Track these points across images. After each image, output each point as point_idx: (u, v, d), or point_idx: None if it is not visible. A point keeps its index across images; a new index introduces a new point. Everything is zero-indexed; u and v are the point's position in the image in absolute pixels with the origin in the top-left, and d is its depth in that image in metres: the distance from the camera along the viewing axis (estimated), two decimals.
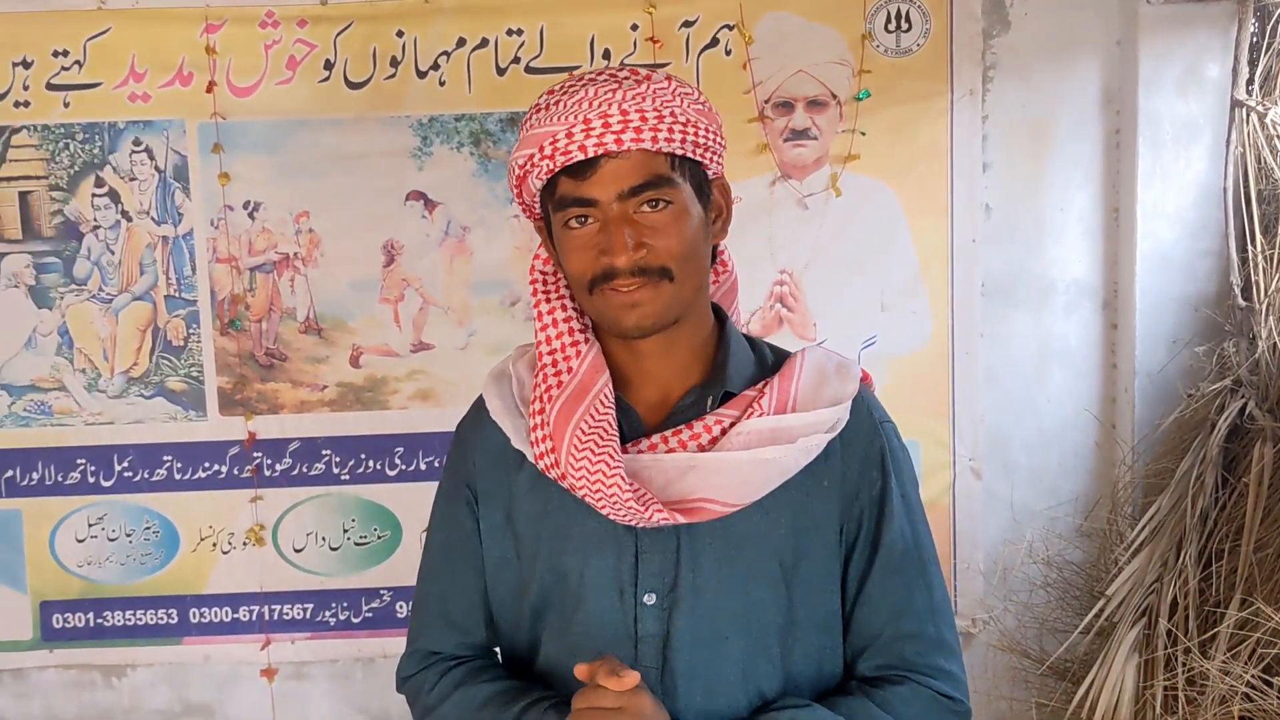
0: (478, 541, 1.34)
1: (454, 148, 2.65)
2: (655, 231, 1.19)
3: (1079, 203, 2.68)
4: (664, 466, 1.22)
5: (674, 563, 1.24)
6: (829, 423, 1.24)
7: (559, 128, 1.18)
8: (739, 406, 1.25)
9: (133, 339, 2.69)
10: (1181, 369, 2.61)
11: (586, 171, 1.18)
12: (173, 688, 2.78)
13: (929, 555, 1.30)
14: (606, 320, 1.23)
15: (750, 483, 1.21)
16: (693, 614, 1.24)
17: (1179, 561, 2.22)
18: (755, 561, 1.24)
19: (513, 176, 1.26)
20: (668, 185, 1.19)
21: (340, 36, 2.62)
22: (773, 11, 2.62)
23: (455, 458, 1.38)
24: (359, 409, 2.70)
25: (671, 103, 1.19)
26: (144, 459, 2.70)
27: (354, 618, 2.75)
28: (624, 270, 1.18)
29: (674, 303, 1.21)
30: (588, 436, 1.21)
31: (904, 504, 1.29)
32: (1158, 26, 2.57)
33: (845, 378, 1.29)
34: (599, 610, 1.25)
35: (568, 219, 1.21)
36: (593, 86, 1.19)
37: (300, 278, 2.67)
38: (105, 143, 2.64)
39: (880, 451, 1.28)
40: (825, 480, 1.26)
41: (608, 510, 1.21)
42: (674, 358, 1.28)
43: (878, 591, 1.27)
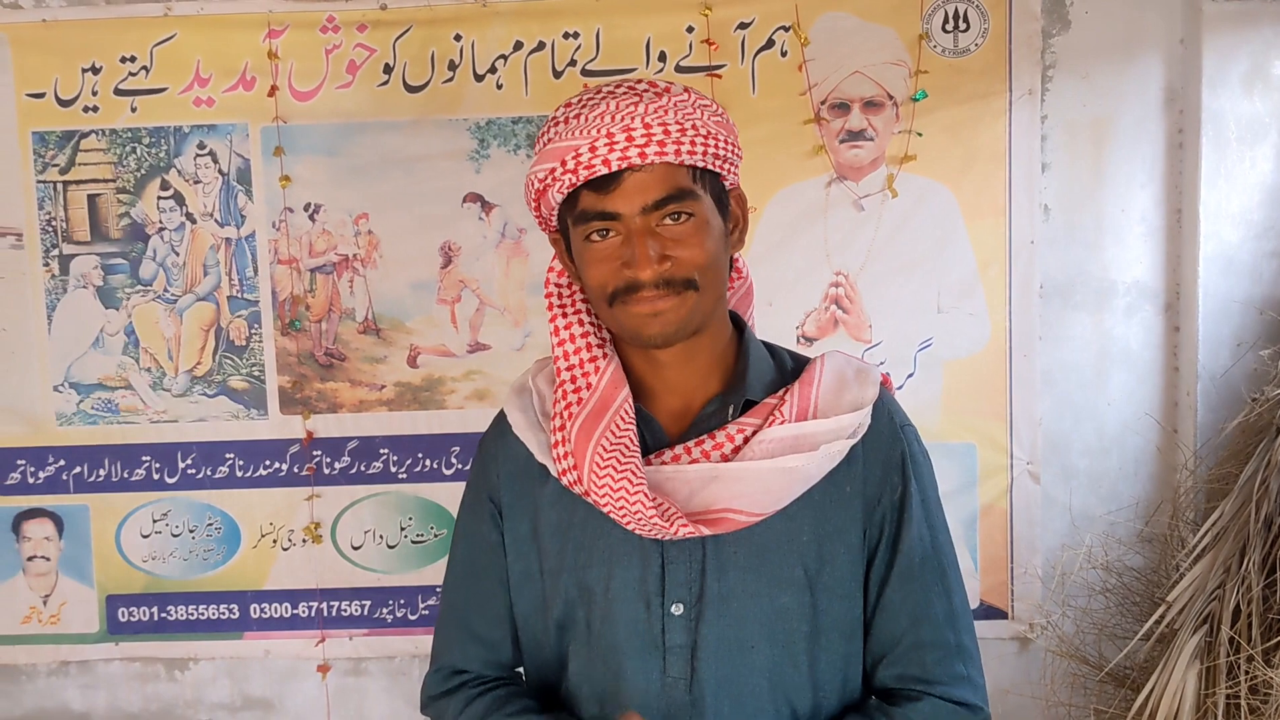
0: (502, 555, 1.34)
1: (510, 150, 2.67)
2: (678, 244, 1.19)
3: (1140, 203, 2.65)
4: (687, 478, 1.23)
5: (700, 572, 1.24)
6: (850, 428, 1.25)
7: (581, 141, 1.17)
8: (760, 415, 1.26)
9: (196, 339, 2.74)
10: (1245, 372, 2.56)
11: (609, 185, 1.18)
12: (233, 681, 2.83)
13: (948, 560, 1.30)
14: (628, 331, 1.23)
15: (773, 491, 1.22)
16: (720, 623, 1.24)
17: (1242, 568, 2.18)
18: (780, 568, 1.24)
19: (531, 191, 1.26)
20: (690, 198, 1.19)
21: (399, 41, 2.65)
22: (829, 12, 2.62)
23: (478, 471, 1.39)
24: (416, 408, 2.73)
25: (693, 115, 1.19)
26: (207, 456, 2.76)
27: (410, 615, 2.78)
28: (648, 283, 1.18)
29: (696, 313, 1.22)
30: (609, 454, 1.22)
31: (924, 509, 1.29)
32: (1222, 24, 2.53)
33: (865, 382, 1.29)
34: (626, 622, 1.25)
35: (590, 232, 1.20)
36: (613, 100, 1.19)
37: (359, 279, 2.71)
38: (170, 146, 2.70)
39: (901, 456, 1.28)
40: (847, 486, 1.26)
41: (631, 525, 1.22)
42: (694, 367, 1.28)
43: (897, 598, 1.27)
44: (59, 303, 2.73)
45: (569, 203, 1.22)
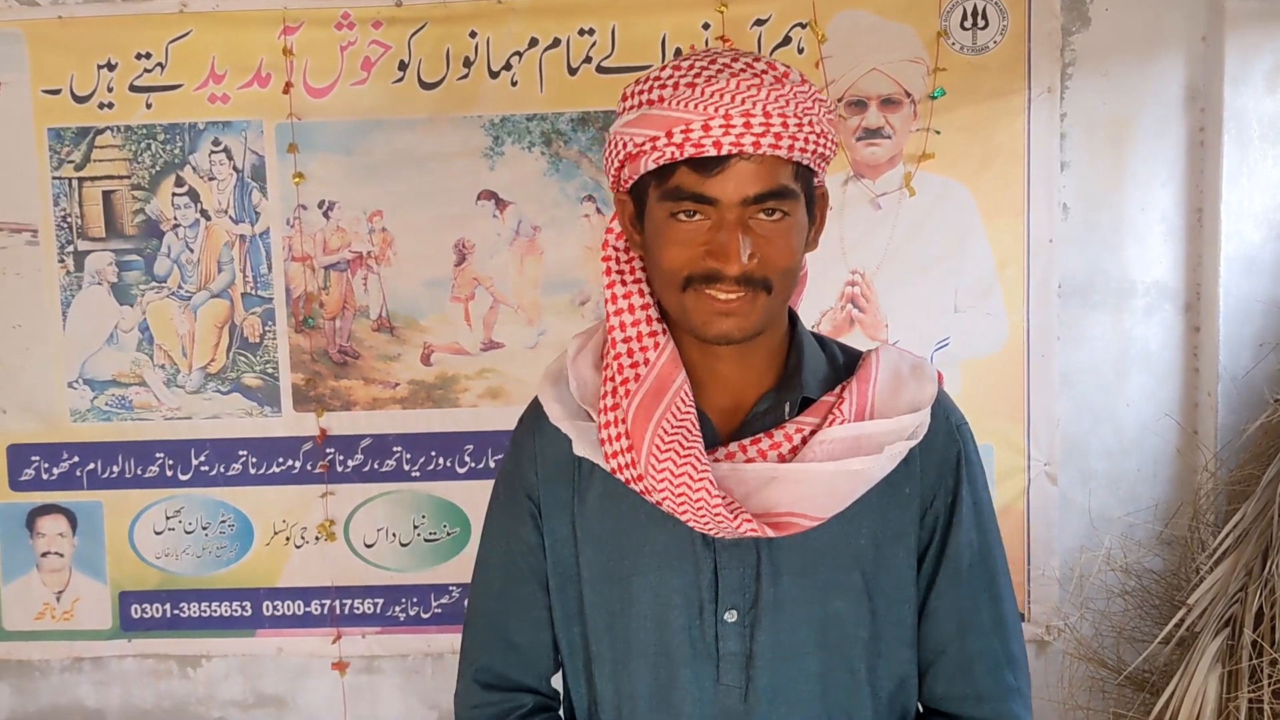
0: (542, 557, 1.26)
1: (525, 147, 2.66)
2: (768, 242, 1.12)
3: (1161, 202, 2.62)
4: (744, 477, 1.16)
5: (754, 577, 1.18)
6: (911, 429, 1.19)
7: (694, 116, 1.09)
8: (818, 413, 1.19)
9: (210, 335, 2.74)
10: (1267, 373, 2.53)
11: (713, 168, 1.10)
12: (246, 679, 2.83)
13: (998, 566, 1.25)
14: (691, 322, 1.15)
15: (837, 494, 1.16)
16: (775, 629, 1.19)
17: (1265, 570, 2.15)
18: (835, 573, 1.19)
19: (618, 150, 1.17)
20: (790, 197, 1.13)
21: (414, 37, 2.64)
22: (846, 9, 2.60)
23: (512, 466, 1.31)
24: (430, 406, 2.72)
25: (811, 110, 1.12)
26: (220, 453, 2.76)
27: (424, 613, 2.78)
28: (731, 278, 1.11)
29: (766, 316, 1.15)
30: (670, 437, 1.13)
31: (975, 512, 1.24)
32: (1245, 21, 2.50)
33: (923, 379, 1.23)
34: (678, 629, 1.19)
35: (678, 211, 1.13)
36: (734, 78, 1.10)
37: (373, 276, 2.71)
38: (185, 143, 2.69)
39: (957, 457, 1.23)
40: (905, 488, 1.21)
41: (690, 519, 1.14)
42: (750, 363, 1.22)
43: (944, 604, 1.22)
44: (74, 299, 2.73)
45: (660, 174, 1.13)
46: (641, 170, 1.14)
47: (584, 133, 2.65)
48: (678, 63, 1.15)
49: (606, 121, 2.64)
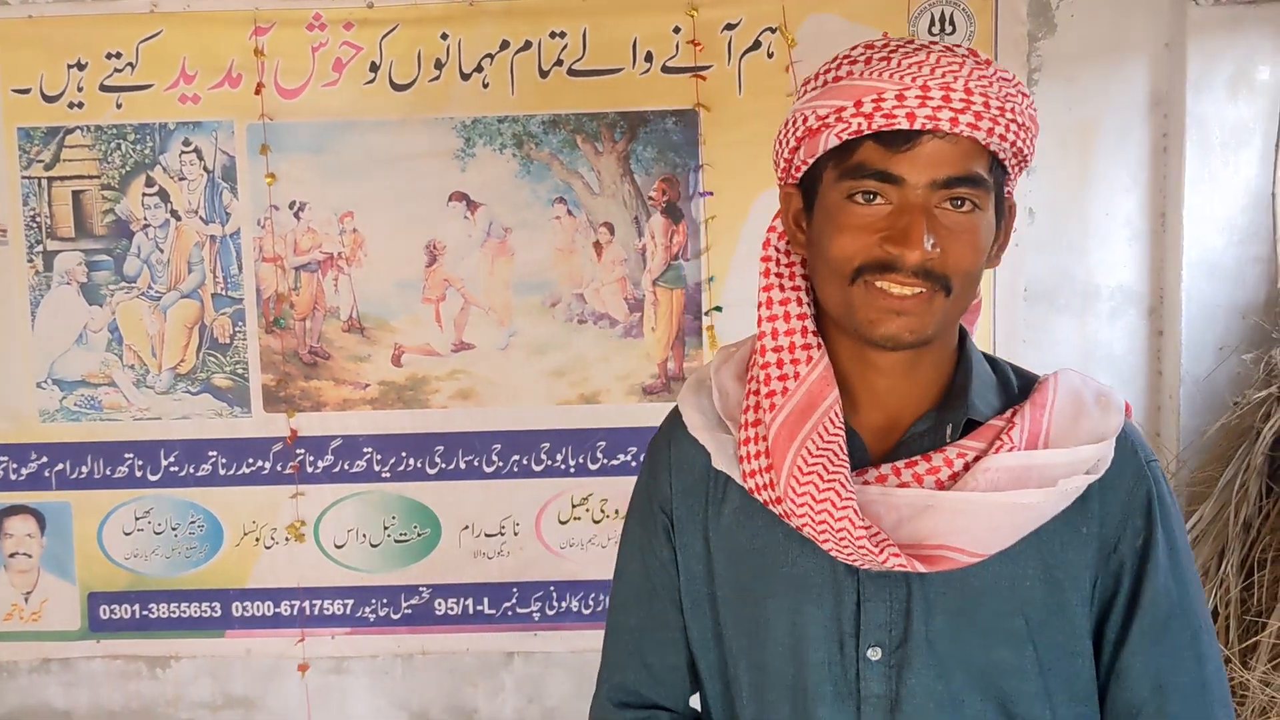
0: (675, 572, 1.19)
1: (496, 149, 2.67)
2: (953, 235, 1.02)
3: (1125, 207, 2.65)
4: (895, 503, 1.06)
5: (904, 613, 1.07)
6: (1090, 462, 1.06)
7: (889, 85, 1.00)
8: (984, 438, 1.07)
9: (180, 336, 2.74)
10: (1228, 376, 2.57)
11: (903, 144, 1.01)
12: (215, 680, 2.82)
13: (1201, 621, 1.10)
14: (858, 320, 1.05)
15: (1000, 530, 1.04)
16: (926, 673, 1.07)
17: (1220, 570, 2.18)
18: (996, 617, 1.07)
19: (797, 128, 1.07)
20: (983, 186, 1.03)
21: (385, 39, 2.65)
22: (816, 14, 2.62)
23: (648, 476, 1.23)
24: (400, 407, 2.73)
25: (1013, 98, 1.03)
26: (190, 454, 2.75)
27: (393, 614, 2.78)
28: (909, 267, 1.01)
29: (942, 321, 1.05)
30: (815, 460, 1.04)
31: (1171, 558, 1.10)
32: (1207, 28, 2.54)
33: (1107, 409, 1.10)
34: (815, 665, 1.09)
35: (857, 191, 1.03)
36: (931, 53, 1.02)
37: (344, 277, 2.71)
38: (156, 143, 2.69)
39: (1147, 496, 1.10)
40: (1083, 528, 1.08)
41: (831, 547, 1.05)
42: (913, 379, 1.11)
43: (1139, 662, 1.08)
44: (43, 299, 2.73)
45: (841, 152, 1.04)
46: (821, 149, 1.05)
47: (555, 135, 2.66)
48: (870, 42, 1.07)
49: (577, 124, 2.66)
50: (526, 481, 2.73)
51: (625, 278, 2.70)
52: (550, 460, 2.73)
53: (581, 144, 2.67)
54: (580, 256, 2.70)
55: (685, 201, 2.67)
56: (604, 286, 2.71)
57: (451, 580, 2.76)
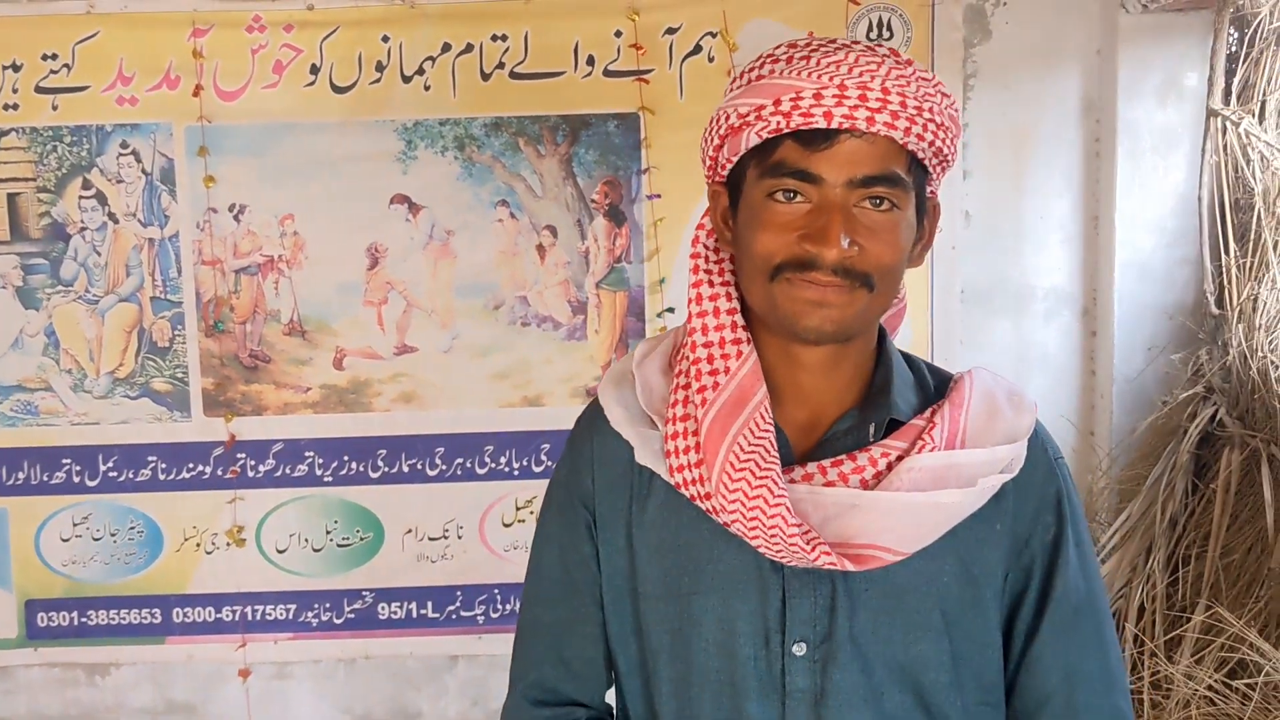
0: (596, 569, 1.17)
1: (438, 152, 2.67)
2: (872, 234, 1.02)
3: (1059, 211, 2.70)
4: (822, 501, 1.06)
5: (829, 609, 1.08)
6: (1006, 461, 1.08)
7: (807, 85, 1.00)
8: (906, 438, 1.08)
9: (119, 340, 2.71)
10: (1158, 376, 2.62)
11: (821, 143, 1.01)
12: (156, 687, 2.80)
13: (1103, 614, 1.14)
14: (780, 315, 1.05)
15: (923, 528, 1.06)
16: (850, 667, 1.08)
17: (1148, 566, 2.23)
18: (916, 613, 1.09)
19: (720, 126, 1.08)
20: (901, 186, 1.03)
21: (326, 41, 2.64)
22: (755, 19, 2.64)
23: (568, 470, 1.21)
24: (342, 411, 2.72)
25: (931, 98, 1.03)
26: (129, 459, 2.72)
27: (336, 619, 2.77)
28: (827, 265, 1.01)
29: (862, 317, 1.05)
30: (746, 456, 1.04)
31: (1079, 553, 1.12)
32: (1137, 35, 2.59)
33: (1020, 409, 1.12)
34: (742, 660, 1.10)
35: (777, 189, 1.03)
36: (851, 52, 1.02)
37: (284, 280, 2.70)
38: (93, 145, 2.66)
39: (1057, 494, 1.12)
40: (996, 524, 1.10)
41: (762, 545, 1.05)
42: (835, 375, 1.11)
43: (1048, 653, 1.11)
44: None
45: (762, 150, 1.04)
46: (743, 147, 1.06)
47: (497, 138, 2.67)
48: (793, 41, 1.06)
49: (520, 127, 2.66)
50: (470, 485, 2.73)
51: (568, 280, 2.71)
52: (494, 463, 2.73)
53: (524, 147, 2.67)
54: (523, 259, 2.70)
55: (628, 204, 2.69)
56: (547, 289, 2.71)
57: (395, 584, 2.76)
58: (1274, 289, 2.32)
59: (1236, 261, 2.44)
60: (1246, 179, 2.48)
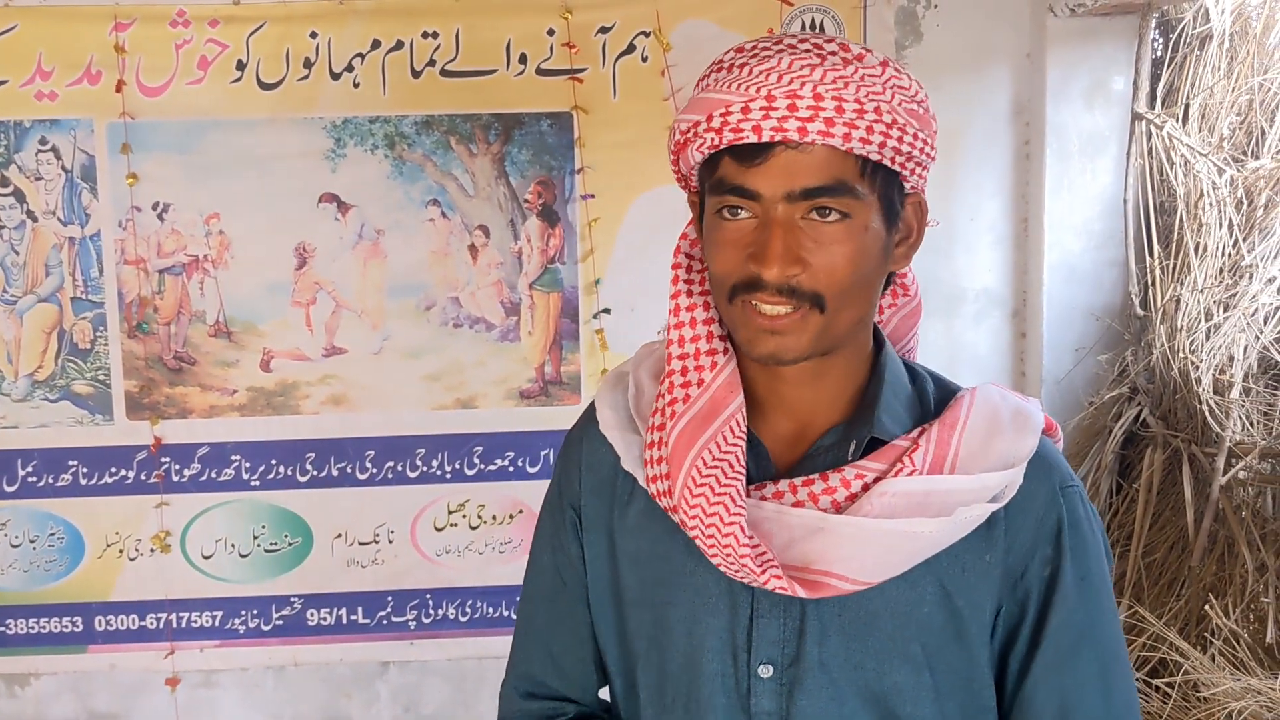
0: (583, 569, 1.17)
1: (368, 150, 2.63)
2: (819, 248, 0.98)
3: (989, 212, 2.72)
4: (788, 522, 1.02)
5: (797, 632, 1.05)
6: (996, 489, 1.02)
7: (735, 98, 0.97)
8: (886, 459, 1.03)
9: (38, 341, 2.64)
10: (1086, 377, 2.65)
11: (755, 158, 0.97)
12: (77, 697, 2.73)
13: (1110, 650, 1.06)
14: (739, 339, 1.03)
15: (887, 558, 1.01)
16: (818, 695, 1.04)
17: None
18: (892, 641, 1.04)
19: (672, 140, 1.06)
20: (849, 195, 0.98)
21: (252, 37, 2.59)
22: (689, 19, 2.63)
23: (561, 472, 1.21)
24: (270, 414, 2.67)
25: (879, 95, 0.97)
26: (49, 464, 2.66)
27: (264, 625, 2.72)
28: (770, 285, 0.98)
29: (822, 338, 1.00)
30: (709, 469, 1.02)
31: (1080, 587, 1.05)
32: (1065, 39, 2.62)
33: (1023, 429, 1.05)
34: (709, 676, 1.07)
35: (722, 206, 1.01)
36: (789, 56, 0.98)
37: (210, 280, 2.64)
38: (10, 142, 2.59)
39: (1058, 523, 1.05)
40: (987, 555, 1.04)
41: (719, 561, 1.02)
42: (820, 387, 1.07)
43: (1041, 692, 1.05)
44: None
45: (709, 166, 1.02)
46: (691, 162, 1.04)
47: (428, 136, 2.64)
48: (743, 44, 1.03)
49: (450, 125, 2.63)
50: (401, 488, 2.69)
51: (501, 281, 2.68)
52: (425, 466, 2.70)
53: (455, 145, 2.64)
54: (455, 259, 2.67)
55: (561, 204, 2.67)
56: (480, 290, 2.69)
57: (324, 590, 2.71)
58: (1195, 291, 2.35)
59: (1160, 263, 2.47)
60: (1170, 182, 2.52)
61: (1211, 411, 2.19)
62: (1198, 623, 2.12)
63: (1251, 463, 2.13)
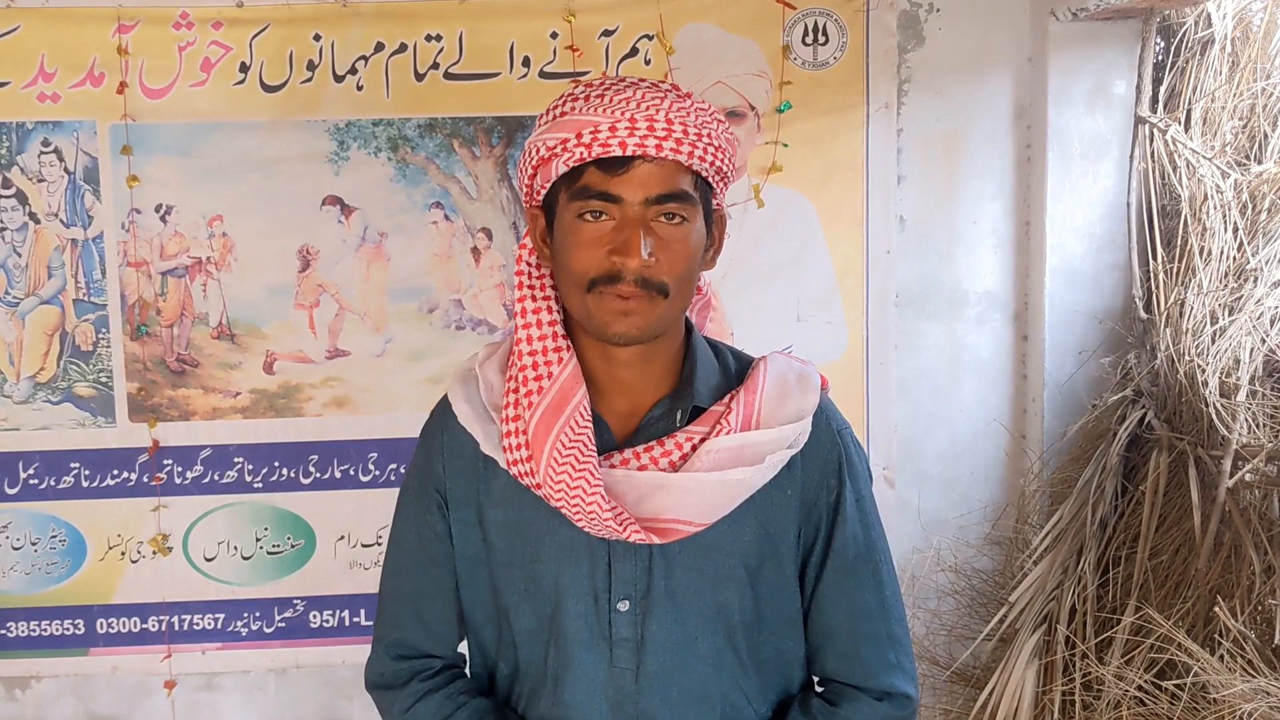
0: (449, 544, 1.35)
1: (371, 153, 2.63)
2: (666, 245, 1.21)
3: (991, 216, 2.73)
4: (636, 483, 1.25)
5: (646, 570, 1.28)
6: (791, 438, 1.28)
7: (602, 119, 1.19)
8: (707, 423, 1.29)
9: (40, 343, 2.64)
10: (1088, 379, 2.65)
11: (619, 168, 1.19)
12: (79, 700, 2.72)
13: (881, 556, 1.35)
14: (595, 323, 1.23)
15: (719, 502, 1.25)
16: (665, 619, 1.28)
17: (1079, 568, 2.25)
18: (723, 567, 1.29)
19: (532, 157, 1.26)
20: (689, 202, 1.22)
21: (256, 39, 2.59)
22: (692, 22, 2.64)
23: (422, 461, 1.38)
24: (272, 416, 2.66)
25: (709, 125, 1.23)
26: (51, 466, 2.65)
27: (266, 627, 2.71)
28: (632, 273, 1.19)
29: (663, 320, 1.23)
30: (568, 450, 1.23)
31: (858, 508, 1.33)
32: (1067, 43, 2.62)
33: (806, 389, 1.32)
34: (575, 616, 1.29)
35: (585, 210, 1.21)
36: (638, 90, 1.21)
37: (213, 282, 2.64)
38: (13, 143, 2.59)
39: (838, 460, 1.33)
40: (788, 489, 1.30)
41: (584, 525, 1.24)
42: (648, 370, 1.30)
43: (832, 593, 1.32)
44: None
45: (570, 177, 1.22)
46: (553, 175, 1.24)
47: (431, 139, 2.64)
48: (589, 81, 1.25)
49: (453, 128, 2.63)
50: None
51: (504, 284, 2.68)
52: None
53: (458, 148, 2.64)
54: (458, 262, 2.67)
55: None
56: (482, 292, 2.69)
57: (327, 592, 2.71)
58: (1199, 294, 2.36)
59: (1164, 266, 2.48)
60: (1173, 185, 2.52)
61: (1218, 414, 2.20)
62: (1205, 625, 2.12)
63: (1258, 465, 2.14)
